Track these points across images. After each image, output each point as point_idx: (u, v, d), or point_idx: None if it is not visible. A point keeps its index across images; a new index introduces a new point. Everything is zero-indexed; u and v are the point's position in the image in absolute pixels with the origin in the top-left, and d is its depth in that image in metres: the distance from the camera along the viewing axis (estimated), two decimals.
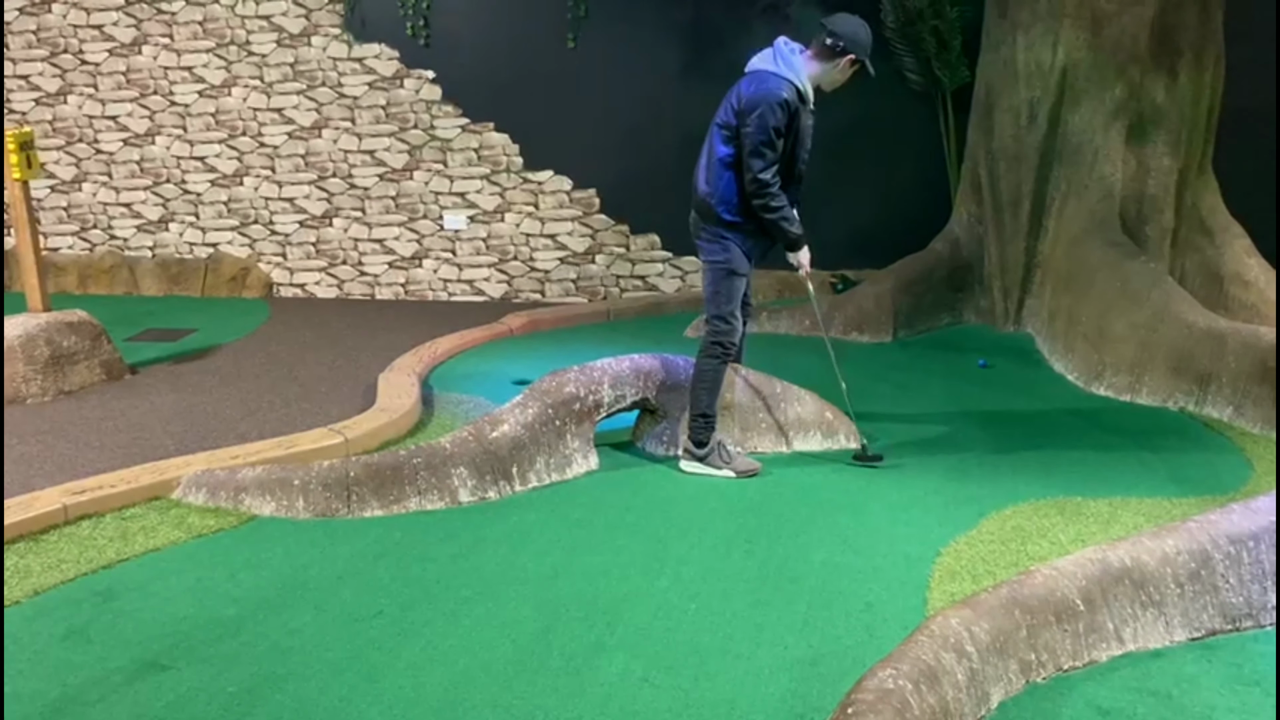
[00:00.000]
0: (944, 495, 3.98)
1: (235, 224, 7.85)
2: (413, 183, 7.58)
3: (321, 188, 7.68)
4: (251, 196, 7.77)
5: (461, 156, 7.48)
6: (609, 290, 7.56)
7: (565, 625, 3.02)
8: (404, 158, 7.54)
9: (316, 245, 7.78)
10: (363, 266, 7.76)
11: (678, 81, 7.18)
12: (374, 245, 7.71)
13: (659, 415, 4.42)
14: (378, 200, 7.63)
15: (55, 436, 4.63)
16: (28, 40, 7.76)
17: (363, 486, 3.86)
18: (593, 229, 7.49)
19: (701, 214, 4.30)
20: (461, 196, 7.55)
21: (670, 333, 6.51)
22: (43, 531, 3.58)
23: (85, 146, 7.89)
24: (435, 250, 7.66)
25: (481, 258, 7.63)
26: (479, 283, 7.67)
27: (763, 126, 3.95)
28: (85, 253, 8.07)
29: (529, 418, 4.13)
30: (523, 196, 7.49)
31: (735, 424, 4.43)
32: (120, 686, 2.71)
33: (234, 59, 7.56)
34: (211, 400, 5.20)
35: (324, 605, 3.14)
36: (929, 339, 6.33)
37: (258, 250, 7.87)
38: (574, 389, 4.24)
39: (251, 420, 4.87)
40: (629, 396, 4.35)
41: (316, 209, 7.72)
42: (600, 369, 4.32)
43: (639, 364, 4.38)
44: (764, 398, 4.49)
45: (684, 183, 4.56)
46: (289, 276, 7.86)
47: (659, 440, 4.42)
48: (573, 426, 4.22)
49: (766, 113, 3.95)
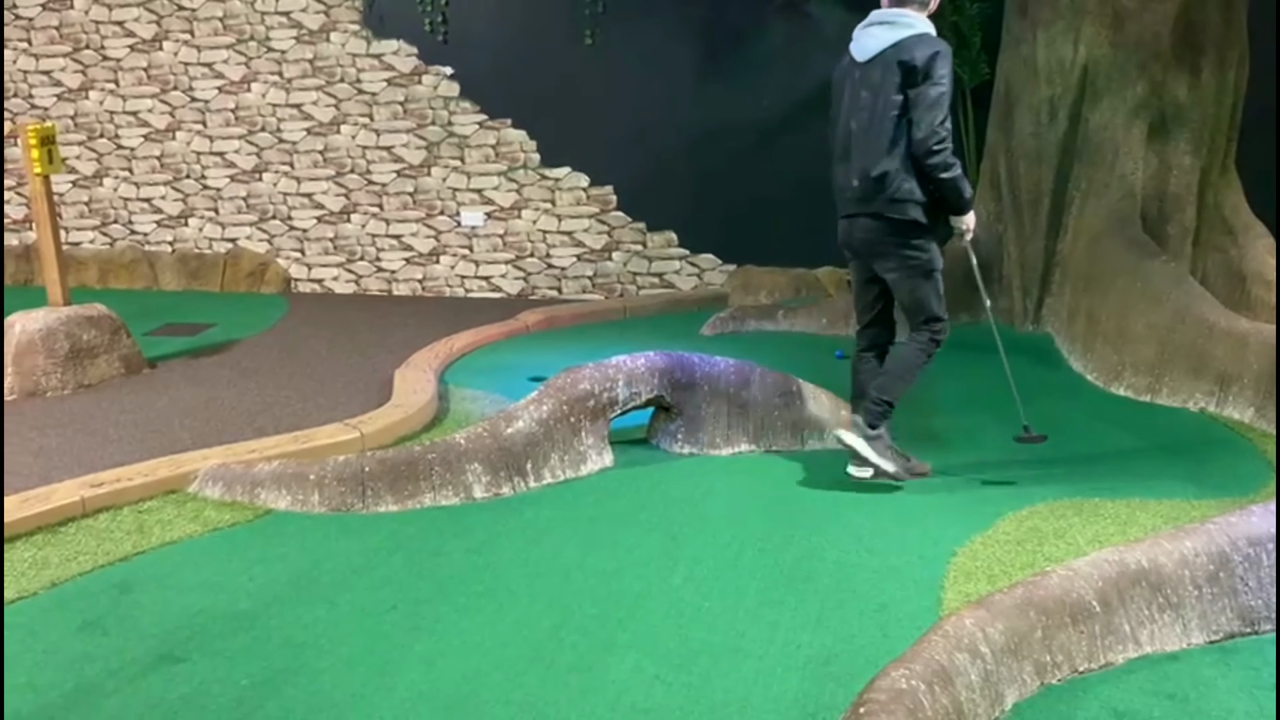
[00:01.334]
0: (959, 495, 3.96)
1: (254, 219, 7.89)
2: (430, 179, 7.59)
3: (339, 183, 7.70)
4: (270, 192, 7.81)
5: (479, 153, 7.49)
6: (625, 287, 7.56)
7: (578, 622, 3.02)
8: (422, 154, 7.55)
9: (334, 241, 7.81)
10: (380, 262, 7.78)
11: (695, 78, 7.17)
12: (392, 241, 7.73)
13: (674, 413, 4.41)
14: (395, 196, 7.65)
15: (74, 430, 4.67)
16: (50, 36, 7.82)
17: (378, 482, 3.87)
18: (609, 226, 7.48)
19: (886, 211, 3.78)
20: (478, 193, 7.56)
21: (686, 330, 6.50)
22: (61, 524, 3.60)
23: (106, 142, 7.94)
24: (452, 246, 7.67)
25: (498, 254, 7.64)
26: (496, 279, 7.68)
27: (945, 77, 3.66)
28: (106, 247, 8.13)
29: (544, 414, 4.13)
30: (540, 193, 7.50)
31: (751, 422, 4.42)
32: (135, 678, 2.73)
33: (253, 55, 7.60)
34: (229, 395, 5.23)
35: (337, 600, 3.16)
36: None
37: (276, 245, 7.90)
38: (589, 386, 4.24)
39: (268, 415, 4.89)
40: (644, 394, 4.34)
41: (334, 205, 7.74)
42: (615, 366, 4.31)
43: (654, 361, 4.37)
44: (780, 395, 4.47)
45: (700, 180, 4.55)
46: (307, 272, 7.90)
47: (673, 437, 4.41)
48: (587, 423, 4.22)
49: (945, 63, 3.66)
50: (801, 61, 6.99)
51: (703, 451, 4.38)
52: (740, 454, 4.39)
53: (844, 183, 3.93)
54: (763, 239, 7.27)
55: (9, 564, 3.34)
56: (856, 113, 3.85)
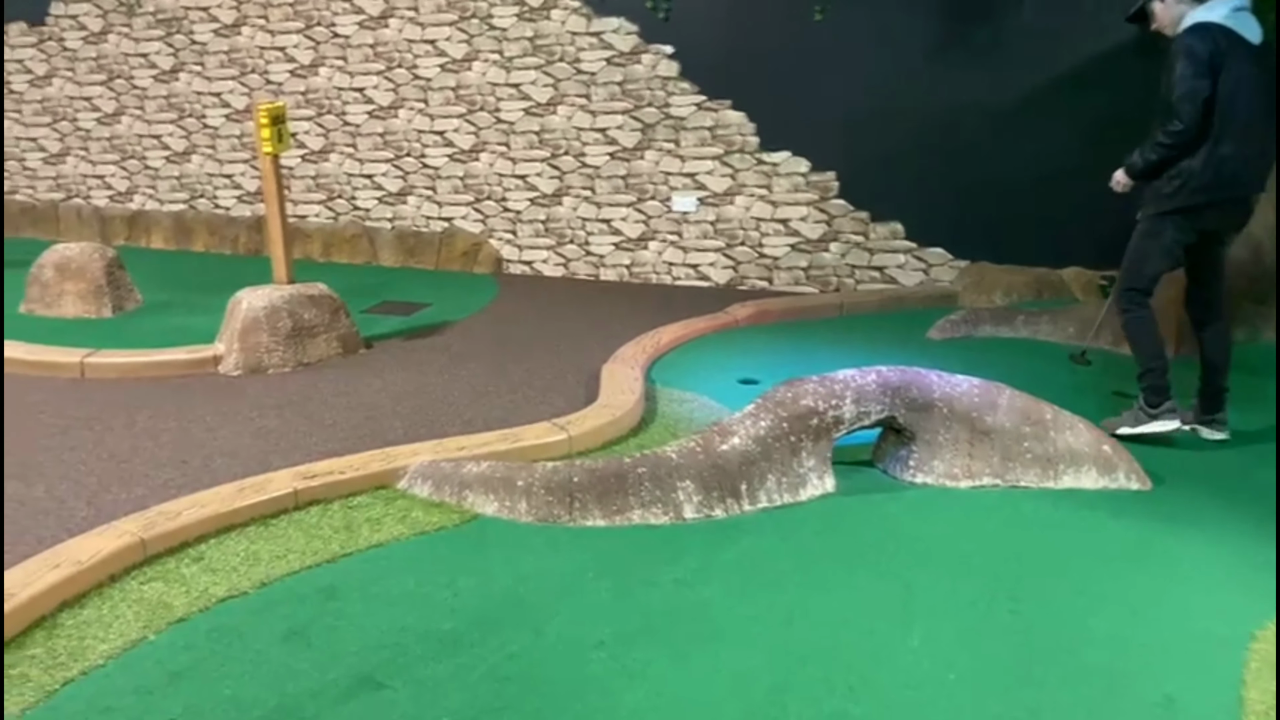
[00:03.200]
0: (1255, 557, 3.36)
1: (470, 199, 7.91)
2: (643, 162, 7.36)
3: (554, 165, 7.60)
4: (486, 172, 7.80)
5: (694, 135, 7.20)
6: (842, 281, 7.10)
7: (802, 684, 2.68)
8: (636, 136, 7.33)
9: (545, 223, 7.73)
10: (589, 246, 7.64)
11: (933, 57, 6.59)
12: (601, 225, 7.57)
13: (906, 436, 3.98)
14: (607, 180, 7.47)
15: (292, 411, 4.71)
16: (285, 13, 8.07)
17: (586, 493, 3.65)
18: (829, 215, 7.03)
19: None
20: (691, 177, 7.27)
21: (910, 333, 6.01)
22: (273, 516, 3.58)
23: (333, 118, 8.15)
24: (662, 232, 7.43)
25: (708, 241, 7.34)
26: (704, 267, 7.39)
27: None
28: (330, 221, 8.37)
29: (761, 431, 3.80)
30: (755, 179, 7.13)
31: (995, 452, 3.93)
32: (336, 702, 2.61)
33: (475, 32, 7.57)
34: (440, 382, 5.17)
35: (543, 628, 2.95)
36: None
37: (489, 226, 7.90)
38: (812, 402, 3.87)
39: (477, 406, 4.79)
40: (873, 414, 3.94)
41: (548, 187, 7.65)
42: (843, 381, 3.92)
43: (887, 378, 3.95)
44: (1031, 423, 3.96)
45: (932, 167, 4.13)
46: (518, 254, 7.86)
47: (904, 464, 3.99)
48: (809, 443, 3.86)
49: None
50: (1054, 39, 6.29)
51: (938, 482, 3.94)
52: (981, 488, 3.92)
53: (1239, 165, 4.06)
54: (1000, 234, 6.65)
55: (226, 556, 3.32)
56: (1257, 94, 4.07)
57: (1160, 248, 4.21)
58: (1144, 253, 4.26)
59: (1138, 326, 4.34)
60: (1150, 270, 4.26)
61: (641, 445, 4.28)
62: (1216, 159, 4.03)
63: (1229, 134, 4.02)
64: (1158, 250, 4.22)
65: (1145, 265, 4.25)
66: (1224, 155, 4.03)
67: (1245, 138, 4.04)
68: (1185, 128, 3.98)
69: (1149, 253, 4.24)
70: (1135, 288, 4.30)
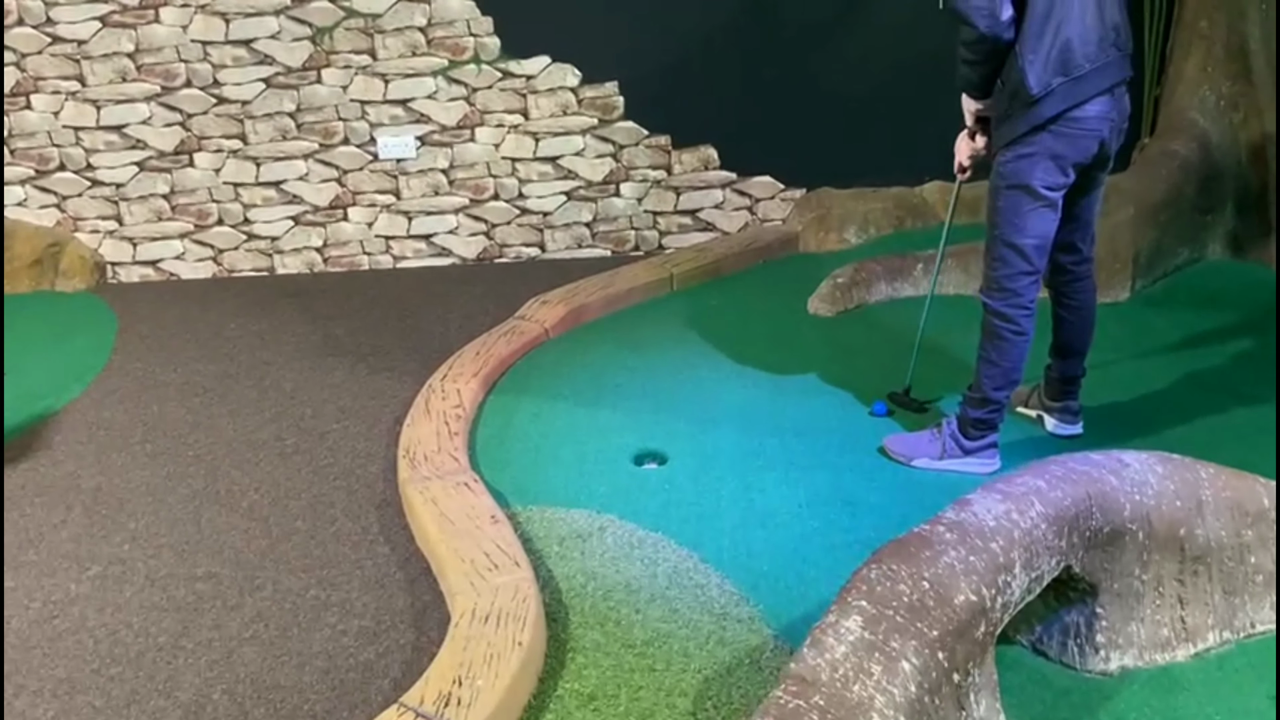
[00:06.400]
0: None
1: (28, 174, 4.84)
2: (321, 88, 4.78)
3: (167, 105, 4.76)
4: (47, 125, 4.76)
5: (399, 41, 4.72)
6: (642, 235, 5.10)
7: None
8: (304, 48, 4.70)
9: (170, 198, 4.91)
10: (250, 226, 4.96)
11: None
12: (267, 191, 4.91)
13: (1081, 590, 2.19)
14: (265, 120, 4.78)
15: None
16: None
17: None
18: (615, 144, 4.94)
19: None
20: (403, 105, 4.82)
21: (786, 312, 4.26)
22: None
23: None
24: (367, 193, 4.94)
25: (442, 199, 4.98)
26: (441, 238, 5.04)
27: None
28: None
29: (911, 688, 1.80)
30: (502, 100, 4.84)
31: (1214, 584, 2.26)
32: None
33: None
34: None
35: None
36: (1175, 289, 4.29)
37: (71, 212, 4.91)
38: (971, 593, 1.93)
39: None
40: (1047, 573, 2.09)
41: (165, 141, 4.81)
42: (1004, 531, 2.00)
43: (1060, 505, 2.08)
44: (1249, 523, 2.31)
45: (753, 68, 2.47)
46: (130, 252, 4.98)
47: (1081, 639, 2.20)
48: (975, 674, 1.94)
49: None
50: None
51: (1142, 661, 2.20)
52: (1209, 652, 2.24)
53: (1085, 47, 2.64)
54: (839, 150, 4.96)
55: None
56: None
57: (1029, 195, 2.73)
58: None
59: (1011, 336, 2.84)
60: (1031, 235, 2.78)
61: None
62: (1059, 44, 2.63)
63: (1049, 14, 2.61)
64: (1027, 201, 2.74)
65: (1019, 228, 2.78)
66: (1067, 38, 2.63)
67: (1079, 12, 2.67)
68: (982, 30, 2.59)
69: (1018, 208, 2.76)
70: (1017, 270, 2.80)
